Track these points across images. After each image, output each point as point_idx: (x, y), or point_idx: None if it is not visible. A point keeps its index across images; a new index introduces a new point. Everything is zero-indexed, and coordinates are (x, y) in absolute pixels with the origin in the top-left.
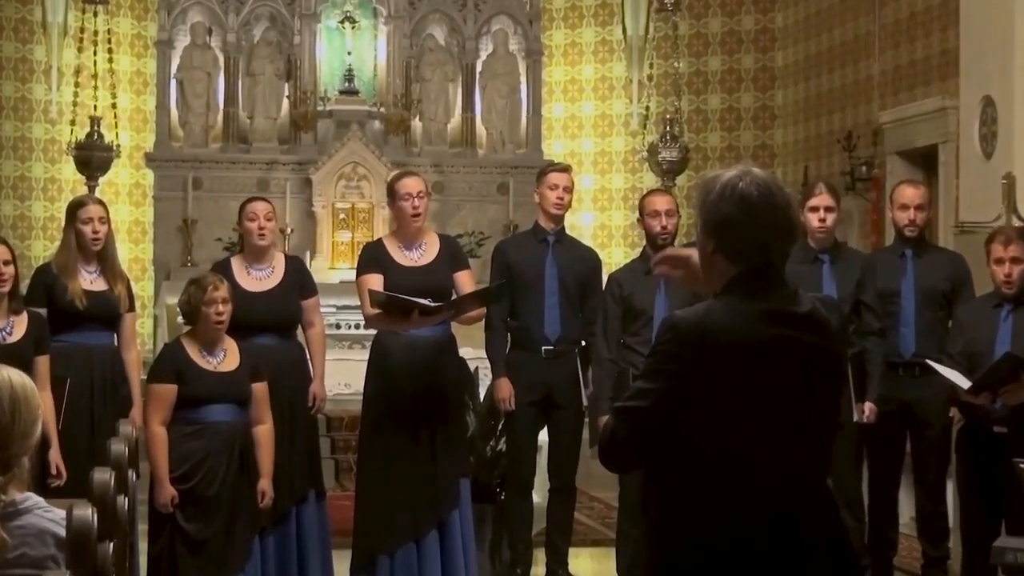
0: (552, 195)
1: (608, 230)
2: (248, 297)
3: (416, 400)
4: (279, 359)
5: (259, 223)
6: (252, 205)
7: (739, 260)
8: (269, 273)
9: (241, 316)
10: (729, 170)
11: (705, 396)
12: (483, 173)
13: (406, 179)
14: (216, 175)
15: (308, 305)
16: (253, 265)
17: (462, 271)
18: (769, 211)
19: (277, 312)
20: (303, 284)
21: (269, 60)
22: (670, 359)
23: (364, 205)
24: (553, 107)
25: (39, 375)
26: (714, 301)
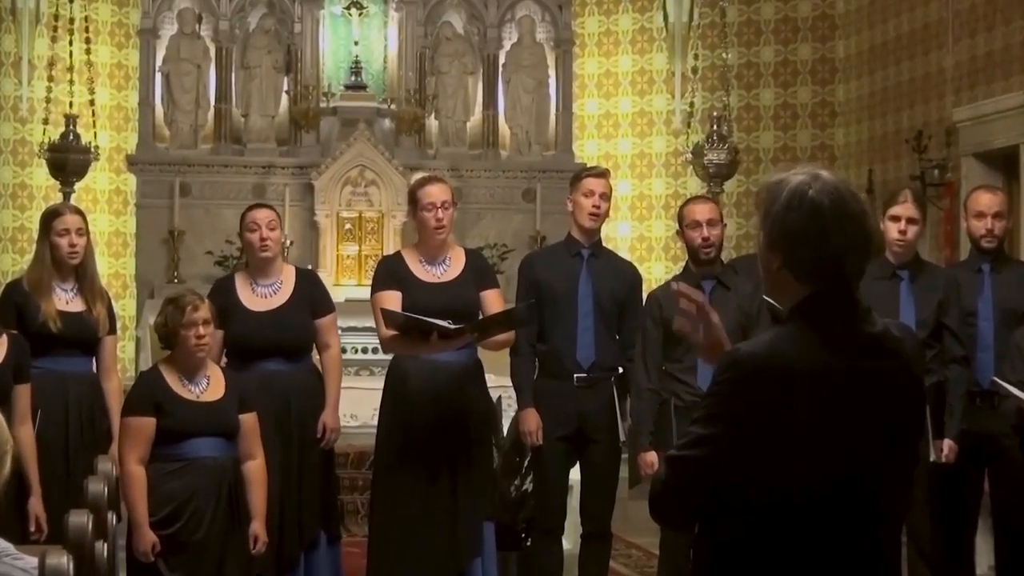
0: (587, 203)
1: (648, 242)
2: (253, 317)
3: (436, 432)
4: (289, 385)
5: (261, 233)
6: (253, 213)
7: (809, 279)
8: (276, 289)
9: (246, 339)
10: (795, 173)
11: (772, 441)
12: (506, 178)
13: (429, 186)
14: (206, 180)
15: (323, 324)
16: (258, 281)
17: (489, 289)
18: (843, 222)
19: (286, 333)
20: (316, 300)
21: (266, 51)
22: (732, 400)
23: (372, 214)
24: (585, 103)
25: (18, 408)
26: (781, 330)
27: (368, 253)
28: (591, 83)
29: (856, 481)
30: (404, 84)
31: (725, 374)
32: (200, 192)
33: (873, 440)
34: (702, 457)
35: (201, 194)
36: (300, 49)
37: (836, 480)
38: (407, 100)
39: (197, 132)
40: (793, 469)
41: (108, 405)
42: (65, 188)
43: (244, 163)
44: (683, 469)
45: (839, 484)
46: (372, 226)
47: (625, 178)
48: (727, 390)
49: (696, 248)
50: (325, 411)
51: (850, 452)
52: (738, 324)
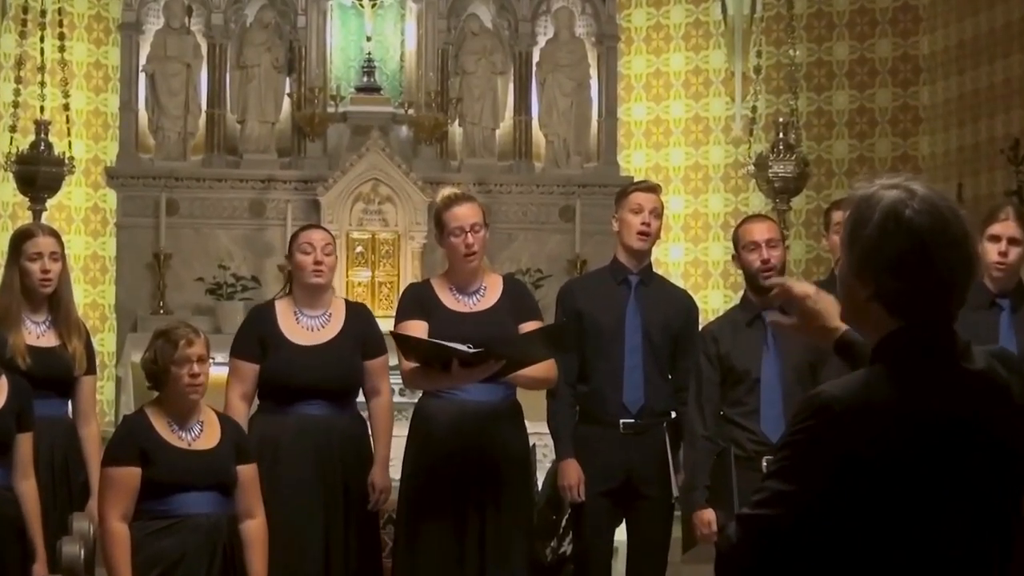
0: (635, 221)
1: (703, 267)
2: (296, 351)
3: (462, 483)
4: (332, 434)
5: (316, 256)
6: (308, 234)
7: (904, 311)
8: (324, 322)
9: (286, 375)
10: (887, 187)
11: (863, 499)
12: (541, 194)
13: (457, 207)
14: (197, 196)
15: (373, 367)
16: (304, 311)
17: (530, 322)
18: (946, 247)
19: (332, 373)
20: (369, 339)
21: (265, 48)
22: (815, 451)
23: (387, 235)
24: (632, 108)
25: (21, 459)
26: (872, 370)
27: (382, 280)
28: (638, 84)
29: (962, 544)
30: (424, 86)
31: (807, 421)
32: (190, 210)
33: (981, 496)
34: (780, 517)
35: (191, 212)
36: (304, 46)
37: (939, 545)
38: (427, 104)
39: (186, 141)
40: (888, 532)
41: (85, 454)
42: (35, 206)
43: (240, 176)
44: (758, 531)
45: (942, 549)
46: (387, 249)
47: (677, 194)
48: (809, 439)
49: (754, 273)
50: (374, 468)
51: (955, 511)
52: (807, 362)
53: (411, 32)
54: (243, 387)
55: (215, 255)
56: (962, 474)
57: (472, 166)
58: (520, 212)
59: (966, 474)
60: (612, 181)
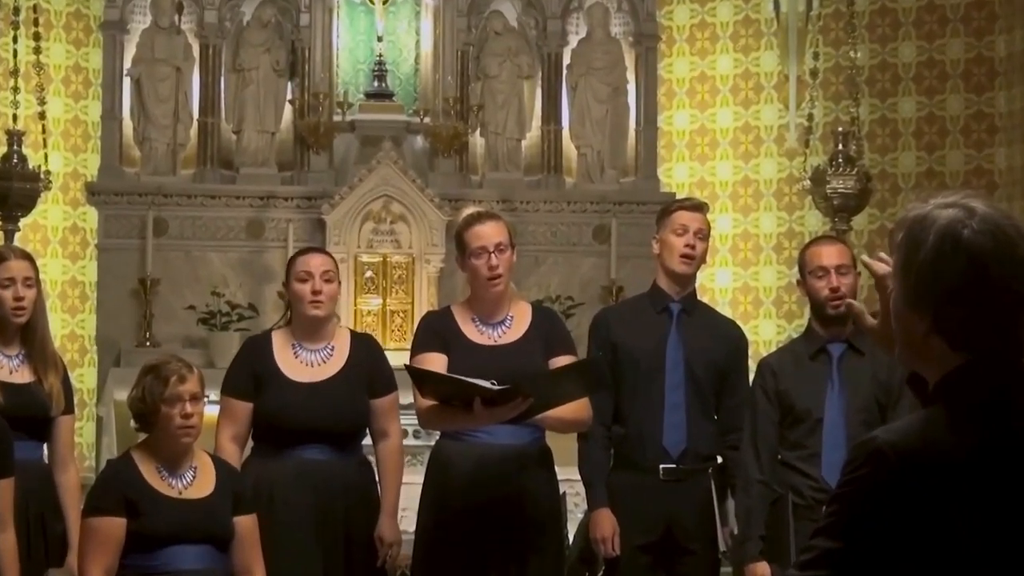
0: (679, 242)
1: (754, 294)
2: (294, 389)
3: (485, 536)
4: (334, 481)
5: (314, 284)
6: (305, 259)
7: (967, 345)
8: (327, 356)
9: (284, 415)
10: (941, 205)
11: (923, 558)
12: (573, 212)
13: (479, 226)
14: (188, 215)
15: (381, 407)
16: (303, 344)
17: (562, 356)
18: (1012, 269)
19: (335, 413)
20: (376, 375)
21: (265, 49)
22: (869, 504)
23: (401, 258)
24: (675, 116)
25: None
26: (932, 412)
27: (395, 308)
28: (681, 90)
29: None
30: (441, 91)
31: (860, 469)
32: (180, 230)
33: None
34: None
35: (181, 233)
36: (308, 47)
37: None
38: (445, 112)
39: (176, 153)
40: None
41: (63, 503)
42: (7, 225)
43: (236, 193)
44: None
45: None
46: (400, 274)
47: (725, 212)
48: (861, 491)
49: (822, 302)
50: (381, 519)
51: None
52: (875, 401)
53: (427, 31)
54: (234, 428)
55: (208, 281)
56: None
57: (495, 181)
58: (549, 233)
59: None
60: (652, 198)
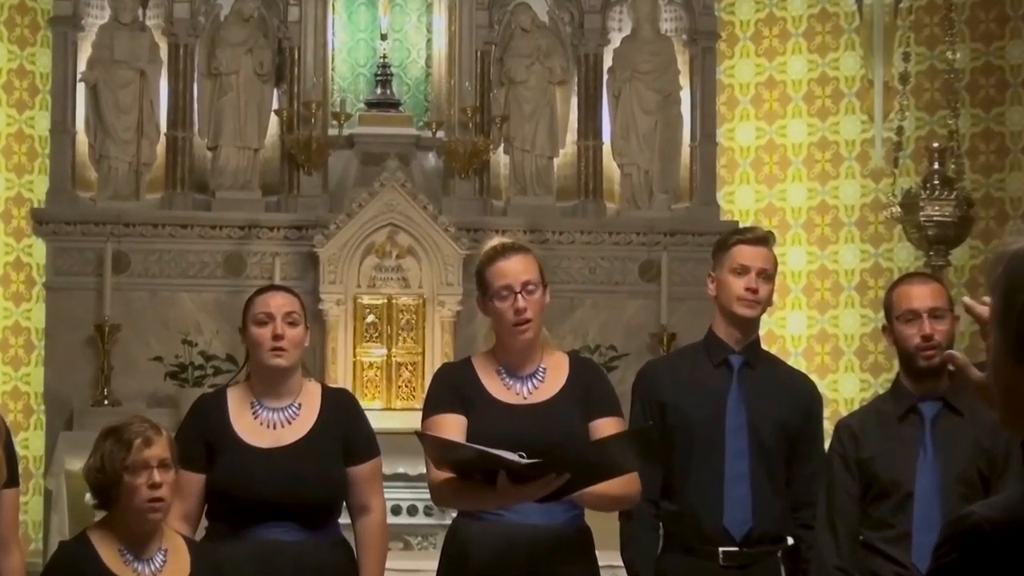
0: (738, 285)
1: (832, 342)
2: (253, 457)
3: None
4: (304, 565)
5: (275, 328)
6: (264, 300)
7: None
8: (292, 416)
9: (242, 489)
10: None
11: None
12: (615, 244)
13: (504, 261)
14: (153, 248)
15: (360, 476)
16: (264, 402)
17: (605, 418)
18: None
19: (302, 484)
20: (353, 437)
21: (246, 49)
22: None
23: (409, 300)
24: (737, 129)
25: None
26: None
27: (402, 359)
28: (745, 98)
29: None
30: (458, 100)
31: (953, 552)
32: (144, 266)
33: None
34: None
35: (145, 269)
36: (298, 46)
37: None
38: (462, 124)
39: (140, 174)
40: None
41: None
42: None
43: (212, 222)
44: None
45: None
46: (408, 319)
47: (797, 244)
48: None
49: (912, 352)
50: None
51: None
52: (976, 471)
53: (440, 28)
54: (184, 505)
55: (178, 327)
56: None
57: (523, 207)
58: (587, 269)
59: None
60: (710, 227)
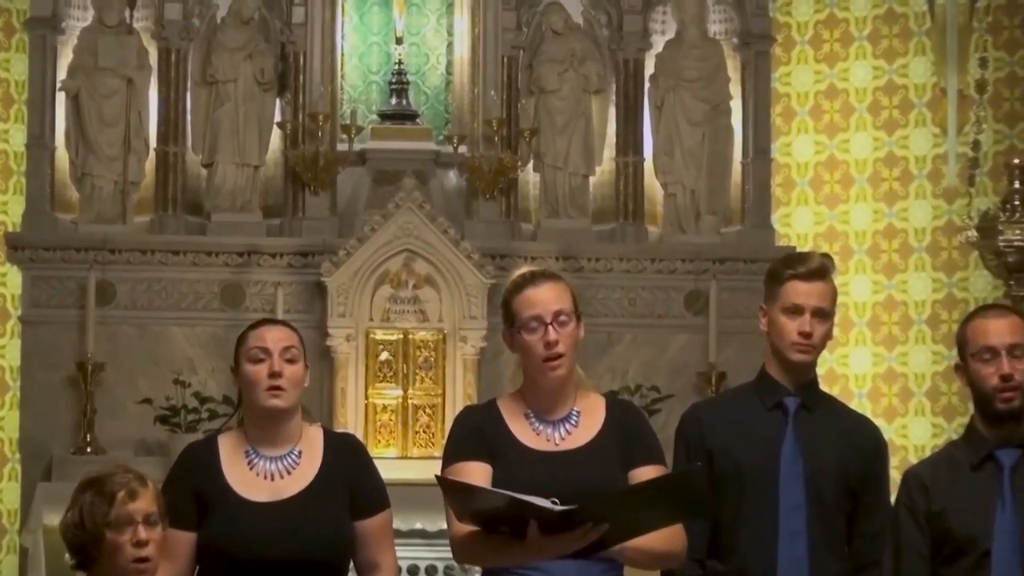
0: (791, 329)
1: (900, 383)
2: (249, 512)
3: None
4: None
5: (271, 365)
6: (259, 333)
7: None
8: (293, 465)
9: (237, 546)
10: None
11: None
12: (658, 272)
13: (532, 290)
14: (142, 277)
15: (369, 531)
16: (260, 450)
17: (647, 466)
18: None
19: (304, 541)
20: (360, 488)
21: (245, 55)
22: None
23: (427, 335)
24: (795, 144)
25: None
26: None
27: (420, 401)
28: (803, 108)
29: None
30: (482, 110)
31: None
32: (131, 297)
33: None
34: None
35: (132, 301)
36: (303, 52)
37: None
38: (487, 139)
39: (127, 194)
40: None
41: None
42: None
43: (207, 247)
44: None
45: None
46: (426, 356)
47: (862, 272)
48: None
49: (989, 394)
50: None
51: None
52: None
53: (462, 31)
54: (172, 567)
55: (169, 365)
56: None
57: (555, 231)
58: (626, 301)
59: None
60: (763, 253)
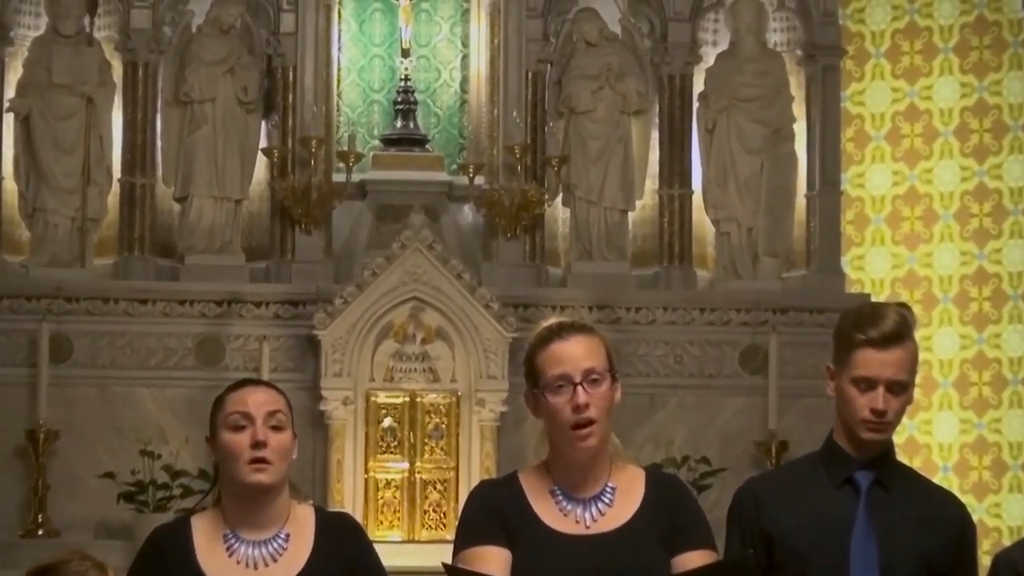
0: (861, 404)
1: (994, 453)
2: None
3: None
4: None
5: (254, 433)
6: (239, 396)
7: None
8: (279, 550)
9: None
10: None
11: None
12: (709, 325)
13: (560, 344)
14: (103, 330)
15: None
16: (242, 533)
17: (693, 551)
18: None
19: None
20: (356, 574)
21: (226, 69)
22: None
23: (438, 398)
24: (869, 174)
25: None
26: None
27: (429, 476)
28: (879, 132)
29: None
30: (502, 135)
31: None
32: (90, 354)
33: None
34: None
35: (92, 358)
36: (293, 65)
37: None
38: (509, 168)
39: (86, 233)
40: None
41: None
42: None
43: (180, 295)
44: None
45: None
46: (437, 423)
47: (948, 324)
48: None
49: None
50: None
51: None
52: None
53: (479, 41)
54: None
55: (135, 433)
56: None
57: (587, 276)
58: (671, 358)
59: None
60: (832, 302)
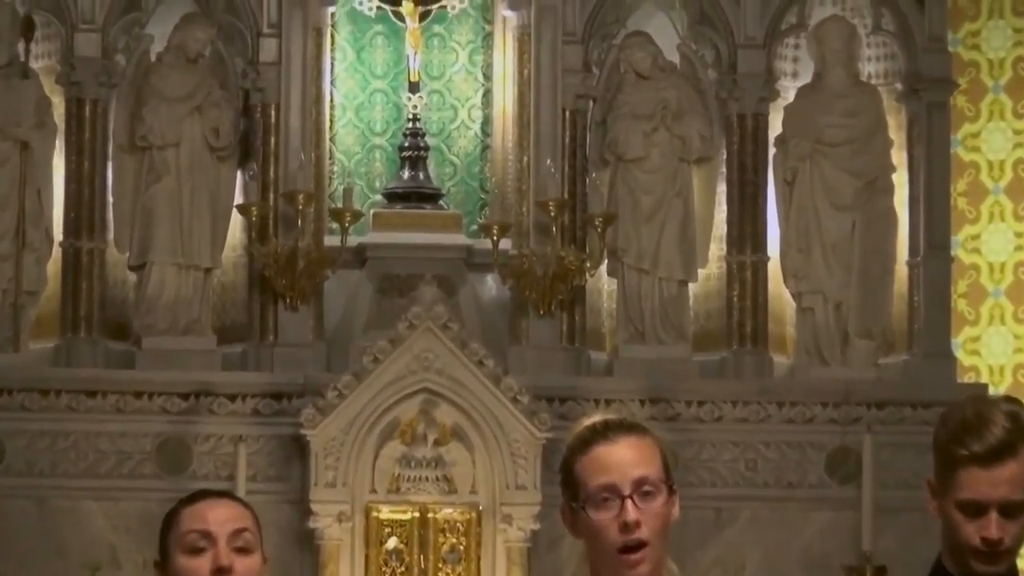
0: (969, 532)
1: None
2: None
3: None
4: None
5: (215, 558)
6: (196, 512)
7: None
8: None
9: None
10: None
11: None
12: (788, 423)
13: (603, 447)
14: (44, 430)
15: None
16: None
17: None
18: None
19: None
20: None
21: (192, 108)
22: None
23: (455, 512)
24: (986, 236)
25: None
26: None
27: None
28: (998, 184)
29: None
30: (533, 188)
31: None
32: (26, 459)
33: None
34: None
35: (28, 465)
36: (275, 101)
37: None
38: (541, 229)
39: (20, 310)
40: None
41: None
42: None
43: (137, 386)
44: None
45: None
46: (454, 543)
47: None
48: None
49: None
50: None
51: None
52: None
53: (504, 71)
54: None
55: (81, 555)
56: None
57: (639, 362)
58: (742, 463)
59: None
60: (940, 394)
